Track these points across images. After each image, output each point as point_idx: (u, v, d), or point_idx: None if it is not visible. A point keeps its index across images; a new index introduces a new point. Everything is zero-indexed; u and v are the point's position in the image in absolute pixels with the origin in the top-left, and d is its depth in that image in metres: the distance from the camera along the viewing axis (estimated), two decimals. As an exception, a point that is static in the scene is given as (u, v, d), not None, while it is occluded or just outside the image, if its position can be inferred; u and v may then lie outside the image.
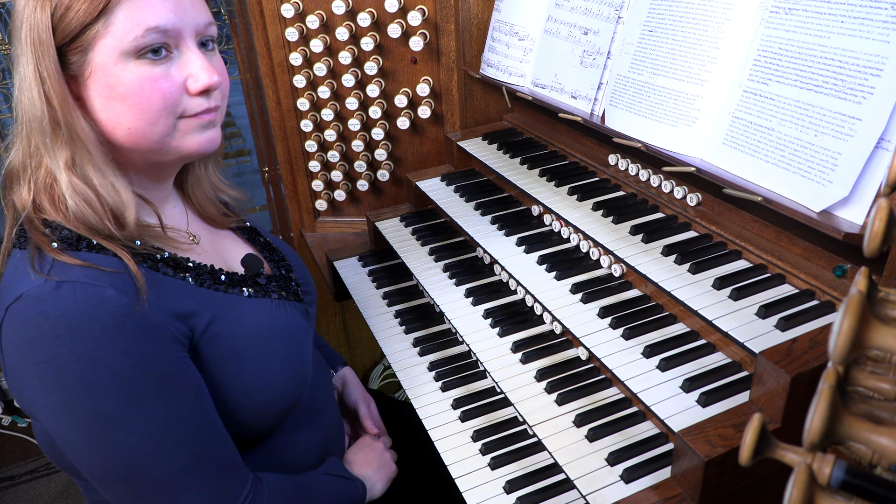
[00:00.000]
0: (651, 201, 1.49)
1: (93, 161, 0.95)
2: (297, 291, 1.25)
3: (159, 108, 0.96)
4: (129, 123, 0.96)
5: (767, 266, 1.25)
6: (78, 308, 0.88)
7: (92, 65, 0.93)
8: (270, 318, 1.12)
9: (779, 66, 1.11)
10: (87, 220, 0.95)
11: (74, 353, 0.87)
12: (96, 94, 0.95)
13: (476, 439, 1.31)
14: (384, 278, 1.83)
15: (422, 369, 1.51)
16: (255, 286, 1.15)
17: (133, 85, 0.94)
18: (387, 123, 2.01)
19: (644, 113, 1.35)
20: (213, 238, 1.22)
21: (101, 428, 0.90)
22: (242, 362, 1.05)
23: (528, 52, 1.72)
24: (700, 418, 1.06)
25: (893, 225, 0.57)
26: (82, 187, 0.94)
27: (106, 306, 0.89)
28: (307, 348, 1.19)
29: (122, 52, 0.92)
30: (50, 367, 0.88)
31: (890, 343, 0.42)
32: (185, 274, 1.04)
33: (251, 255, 1.21)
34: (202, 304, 1.03)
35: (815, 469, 0.51)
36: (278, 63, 1.97)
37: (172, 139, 1.00)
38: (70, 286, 0.89)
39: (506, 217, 1.66)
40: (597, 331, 1.28)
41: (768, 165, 1.12)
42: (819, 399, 0.46)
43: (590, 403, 1.26)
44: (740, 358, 1.17)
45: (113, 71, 0.93)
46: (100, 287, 0.90)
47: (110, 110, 0.96)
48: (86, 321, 0.87)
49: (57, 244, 0.93)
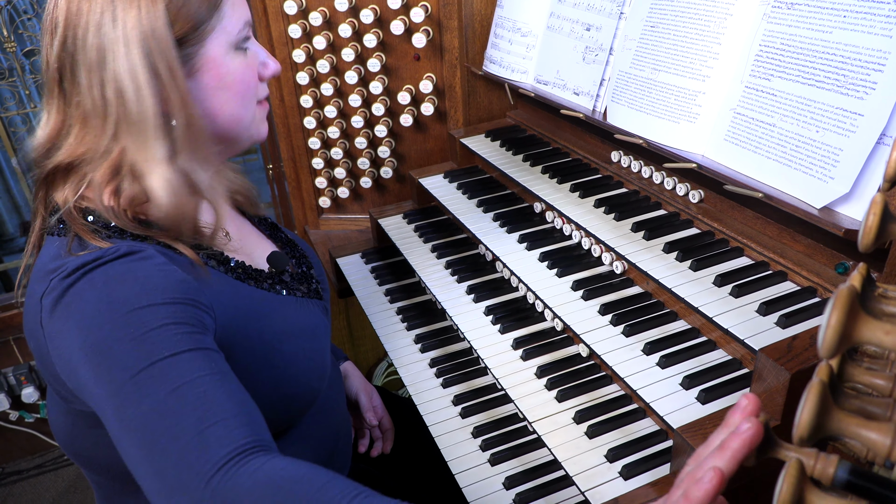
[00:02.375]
0: (653, 198, 1.49)
1: (201, 155, 0.99)
2: (318, 289, 1.26)
3: (253, 93, 1.05)
4: (232, 110, 1.03)
5: (769, 263, 1.24)
6: (156, 273, 0.88)
7: (205, 57, 0.97)
8: (296, 315, 1.13)
9: (781, 61, 1.11)
10: (176, 215, 0.95)
11: (151, 307, 0.85)
12: (205, 84, 0.99)
13: (476, 435, 1.31)
14: (387, 275, 1.83)
15: (423, 366, 1.51)
16: (282, 284, 1.16)
17: (238, 73, 1.01)
18: (390, 121, 2.01)
19: (646, 109, 1.35)
20: (242, 235, 1.22)
21: (145, 359, 0.84)
22: (272, 357, 1.06)
23: (531, 48, 1.71)
24: (699, 415, 1.06)
25: (888, 220, 0.56)
26: (180, 183, 0.95)
27: (176, 276, 0.90)
28: (327, 345, 1.20)
29: (230, 44, 0.99)
30: (133, 319, 0.85)
31: (879, 337, 0.42)
32: (225, 267, 1.06)
33: (277, 253, 1.21)
34: (240, 299, 1.04)
35: (819, 469, 0.51)
36: (281, 60, 1.97)
37: (252, 125, 1.08)
38: (137, 256, 0.89)
39: (508, 214, 1.66)
40: (597, 328, 1.28)
41: (770, 162, 1.11)
42: (808, 394, 0.46)
43: (590, 400, 1.25)
44: (741, 355, 1.17)
45: (224, 62, 0.99)
46: (168, 264, 0.91)
47: (217, 99, 1.01)
48: (160, 285, 0.88)
49: (101, 232, 0.93)
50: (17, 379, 2.64)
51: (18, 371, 2.64)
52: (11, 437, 2.78)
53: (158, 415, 0.81)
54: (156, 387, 0.82)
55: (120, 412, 0.82)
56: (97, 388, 0.84)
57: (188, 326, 0.87)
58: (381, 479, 1.45)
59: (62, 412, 1.02)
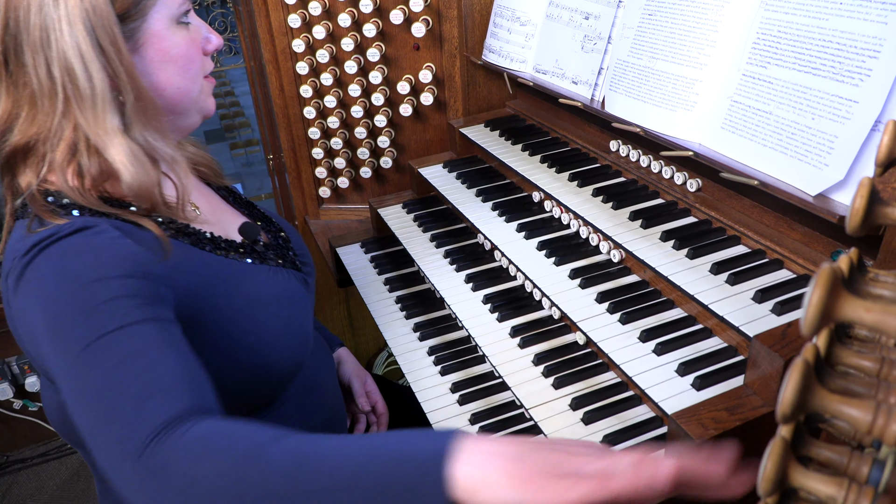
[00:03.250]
0: (651, 187, 1.49)
1: (154, 126, 1.00)
2: (295, 261, 1.27)
3: (198, 66, 1.06)
4: (178, 83, 1.04)
5: (766, 251, 1.24)
6: (99, 240, 0.89)
7: (148, 32, 0.99)
8: (269, 283, 1.14)
9: (777, 48, 1.11)
10: (143, 186, 0.96)
11: (100, 280, 0.86)
12: (149, 58, 1.00)
13: (474, 422, 1.32)
14: (386, 264, 1.84)
15: (421, 354, 1.52)
16: (254, 253, 1.17)
17: (182, 47, 1.02)
18: (389, 110, 2.02)
19: (643, 98, 1.35)
20: (213, 207, 1.24)
21: (96, 329, 0.84)
22: (246, 324, 1.07)
23: (530, 37, 1.71)
24: (694, 402, 1.06)
25: (876, 203, 0.57)
26: (141, 154, 0.97)
27: (127, 248, 0.90)
28: (307, 314, 1.21)
29: (171, 18, 1.01)
30: (77, 290, 0.85)
31: (860, 315, 0.42)
32: (184, 238, 1.06)
33: (248, 224, 1.23)
34: (207, 270, 1.05)
35: (853, 468, 0.51)
36: (281, 50, 1.98)
37: (201, 99, 1.10)
38: (93, 230, 0.90)
39: (507, 203, 1.66)
40: (594, 315, 1.29)
41: (766, 149, 1.12)
42: (792, 372, 0.47)
43: (586, 387, 1.26)
44: (736, 343, 1.17)
45: (167, 35, 1.00)
46: (119, 235, 0.92)
47: (162, 72, 1.02)
48: (110, 252, 0.89)
49: (59, 211, 0.94)
50: (20, 368, 2.67)
51: (21, 360, 2.66)
52: (15, 425, 2.80)
53: (104, 387, 0.80)
54: (103, 359, 0.82)
55: (71, 384, 0.83)
56: (54, 362, 0.85)
57: (139, 299, 0.87)
58: None
59: (52, 394, 1.03)
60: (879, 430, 0.45)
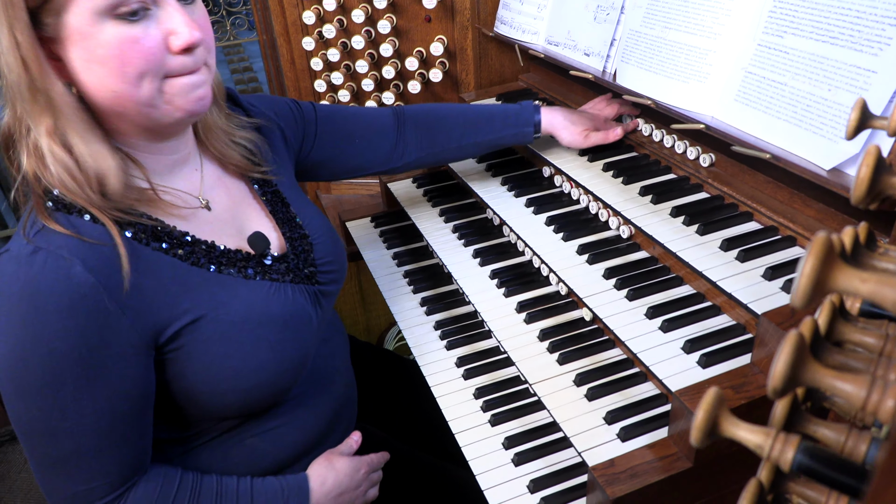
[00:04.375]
0: (664, 162, 1.46)
1: (73, 127, 0.93)
2: (311, 273, 1.20)
3: (141, 69, 0.91)
4: (112, 86, 0.92)
5: (778, 228, 1.21)
6: (43, 278, 0.88)
7: (68, 27, 0.88)
8: (263, 303, 1.08)
9: (795, 17, 1.07)
10: (67, 187, 0.93)
11: (25, 320, 0.89)
12: (76, 56, 0.90)
13: (478, 397, 1.32)
14: (395, 239, 1.83)
15: (428, 328, 1.51)
16: (259, 267, 1.11)
17: (112, 47, 0.89)
18: (400, 84, 1.99)
19: (655, 69, 1.32)
20: (235, 207, 1.16)
21: (14, 391, 0.93)
22: (229, 347, 1.03)
23: (542, 8, 1.68)
24: (699, 379, 1.05)
25: (882, 171, 0.54)
26: (61, 154, 0.93)
27: (69, 282, 0.89)
28: (307, 335, 1.15)
29: (95, 12, 0.87)
30: (3, 321, 0.90)
31: (855, 286, 0.40)
32: (177, 251, 1.02)
33: (258, 234, 1.14)
34: (190, 285, 1.01)
35: (850, 447, 0.51)
36: (292, 22, 1.96)
37: (161, 103, 0.95)
38: (44, 254, 0.89)
39: (516, 178, 1.64)
40: (601, 291, 1.27)
41: (780, 122, 1.08)
42: (784, 345, 0.45)
43: (591, 364, 1.25)
44: (745, 320, 1.15)
45: (89, 33, 0.88)
46: (70, 261, 0.89)
47: (92, 73, 0.91)
48: (45, 293, 0.88)
49: (50, 204, 0.94)
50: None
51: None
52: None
53: (42, 453, 0.99)
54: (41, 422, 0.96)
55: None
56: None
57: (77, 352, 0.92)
58: (386, 441, 1.46)
59: None
60: (874, 405, 0.44)
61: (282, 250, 1.18)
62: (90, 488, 0.99)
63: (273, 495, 1.14)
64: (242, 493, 1.11)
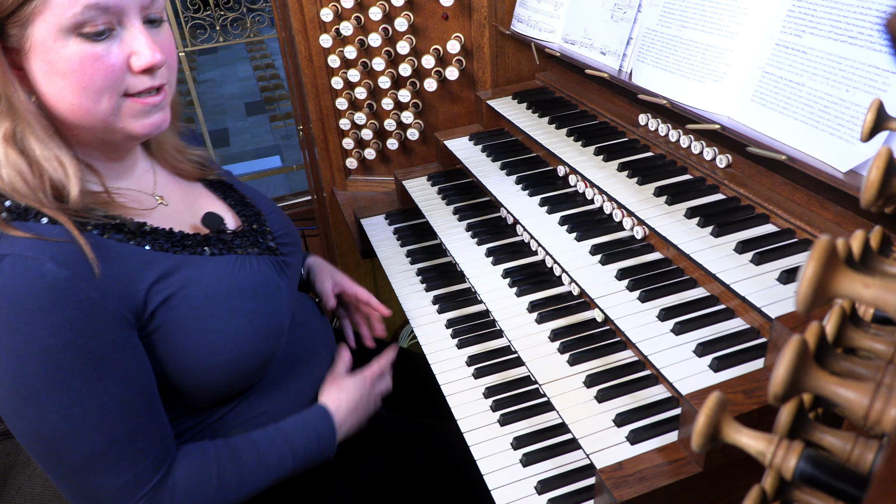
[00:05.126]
0: (679, 163, 1.44)
1: (35, 133, 0.95)
2: (271, 245, 1.25)
3: (101, 86, 0.94)
4: (70, 100, 0.94)
5: (795, 231, 1.19)
6: (16, 282, 0.88)
7: (32, 39, 0.90)
8: (231, 275, 1.11)
9: (814, 16, 1.05)
10: (18, 191, 0.94)
11: (9, 328, 0.88)
12: (37, 68, 0.93)
13: (487, 396, 1.31)
14: (409, 236, 1.83)
15: (439, 326, 1.51)
16: (220, 243, 1.14)
17: (74, 63, 0.92)
18: (417, 82, 1.99)
19: (671, 68, 1.30)
20: (188, 198, 1.22)
21: (24, 402, 0.91)
22: (205, 322, 1.05)
23: (560, 6, 1.66)
24: (710, 383, 1.04)
25: (893, 174, 0.53)
26: (16, 159, 0.93)
27: (44, 280, 0.89)
28: (278, 302, 1.18)
29: (61, 29, 0.90)
30: None
31: (858, 290, 0.40)
32: (139, 239, 1.03)
33: (210, 214, 1.19)
34: (157, 268, 1.03)
35: (856, 456, 0.50)
36: (310, 19, 1.96)
37: (118, 120, 0.99)
38: (10, 259, 0.89)
39: (531, 177, 1.64)
40: (613, 292, 1.26)
41: (797, 123, 1.06)
42: (786, 350, 0.44)
43: (602, 365, 1.24)
44: (759, 324, 1.13)
45: (53, 47, 0.91)
46: (39, 260, 0.89)
47: (52, 85, 0.94)
48: (23, 296, 0.88)
49: (5, 214, 0.94)
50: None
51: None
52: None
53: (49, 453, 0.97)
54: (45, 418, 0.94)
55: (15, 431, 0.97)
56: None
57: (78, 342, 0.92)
58: (403, 420, 1.48)
59: None
60: (877, 414, 0.43)
61: (238, 226, 1.24)
62: (136, 473, 0.99)
63: (301, 427, 1.19)
64: (273, 436, 1.16)
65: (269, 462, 1.14)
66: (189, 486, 1.05)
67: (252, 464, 1.12)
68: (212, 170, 1.30)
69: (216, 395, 1.12)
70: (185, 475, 1.05)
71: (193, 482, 1.06)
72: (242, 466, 1.11)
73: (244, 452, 1.12)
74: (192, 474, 1.06)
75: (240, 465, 1.11)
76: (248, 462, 1.12)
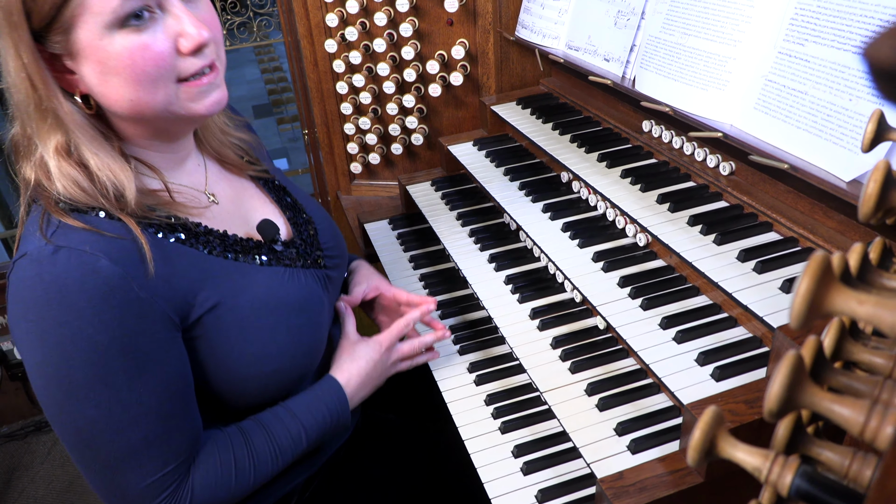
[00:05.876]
0: (683, 170, 1.44)
1: (84, 143, 0.95)
2: (318, 257, 1.23)
3: (154, 76, 0.93)
4: (130, 95, 0.94)
5: (798, 239, 1.19)
6: (69, 276, 0.89)
7: (78, 44, 0.90)
8: (280, 288, 1.11)
9: (816, 25, 1.04)
10: (78, 200, 0.94)
11: (58, 320, 0.89)
12: (90, 70, 0.92)
13: (489, 403, 1.31)
14: (412, 241, 1.83)
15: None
16: (271, 253, 1.14)
17: (124, 57, 0.91)
18: (422, 87, 1.99)
19: (674, 76, 1.30)
20: (239, 197, 1.20)
21: (65, 394, 0.92)
22: (248, 332, 1.05)
23: (564, 12, 1.66)
24: (712, 392, 1.03)
25: (890, 187, 0.53)
26: (70, 170, 0.94)
27: (97, 276, 0.89)
28: (321, 318, 1.18)
29: (105, 25, 0.89)
30: (36, 327, 0.90)
31: (852, 307, 0.39)
32: (193, 241, 1.04)
33: (267, 221, 1.18)
34: (210, 273, 1.03)
35: (855, 471, 0.50)
36: (315, 24, 1.97)
37: (177, 106, 0.98)
38: (66, 252, 0.89)
39: (534, 183, 1.63)
40: (615, 300, 1.26)
41: (799, 132, 1.06)
42: (781, 366, 0.44)
43: (604, 373, 1.24)
44: (761, 333, 1.13)
45: (100, 46, 0.90)
46: (95, 255, 0.90)
47: (108, 85, 0.93)
48: (75, 290, 0.88)
49: (63, 204, 0.94)
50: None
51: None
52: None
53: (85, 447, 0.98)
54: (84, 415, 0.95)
55: (58, 430, 0.98)
56: (42, 396, 0.96)
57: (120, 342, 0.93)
58: (399, 425, 1.47)
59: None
60: (872, 432, 0.42)
61: (289, 236, 1.22)
62: (164, 473, 0.99)
63: (311, 403, 1.16)
64: (282, 415, 1.13)
65: (283, 444, 1.12)
66: (208, 479, 1.05)
67: (265, 448, 1.10)
68: (259, 164, 1.28)
69: (249, 403, 1.12)
70: (203, 469, 1.05)
71: (212, 474, 1.05)
72: (256, 451, 1.10)
73: (255, 438, 1.11)
74: (209, 467, 1.05)
75: (253, 449, 1.09)
76: (262, 447, 1.10)
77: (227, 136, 1.22)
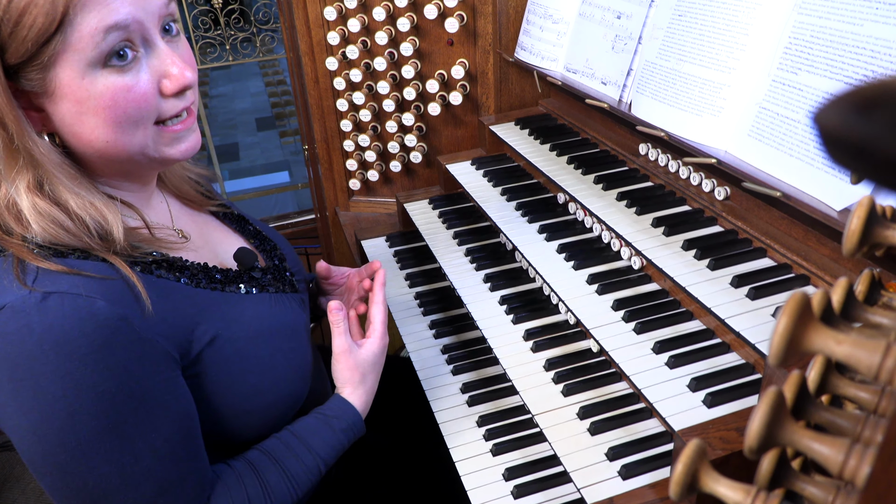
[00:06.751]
0: (679, 193, 1.44)
1: (62, 182, 0.89)
2: (293, 282, 1.23)
3: (136, 117, 0.90)
4: (106, 137, 0.89)
5: (792, 266, 1.19)
6: (66, 322, 0.82)
7: (55, 82, 0.85)
8: (269, 315, 1.09)
9: (810, 54, 1.05)
10: (59, 239, 0.88)
11: (58, 373, 0.82)
12: (66, 109, 0.87)
13: (481, 424, 1.31)
14: (409, 259, 1.83)
15: (435, 351, 1.51)
16: (252, 281, 1.12)
17: (105, 98, 0.87)
18: (421, 105, 2.01)
19: (669, 101, 1.31)
20: (203, 232, 1.18)
21: (70, 455, 0.85)
22: (246, 363, 1.03)
23: (562, 35, 1.68)
24: (704, 419, 1.03)
25: (874, 223, 0.53)
26: (49, 210, 0.87)
27: (96, 319, 0.83)
28: (307, 341, 1.18)
29: (87, 64, 0.84)
30: (27, 386, 0.82)
31: (830, 347, 0.39)
32: (178, 275, 0.99)
33: (244, 249, 1.16)
34: (202, 307, 1.00)
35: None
36: (317, 42, 1.99)
37: (152, 150, 0.94)
38: (58, 298, 0.82)
39: (531, 204, 1.64)
40: (608, 323, 1.26)
41: (792, 160, 1.06)
42: (761, 402, 0.44)
43: (596, 397, 1.23)
44: (754, 360, 1.13)
45: (81, 85, 0.85)
46: (90, 298, 0.84)
47: (84, 125, 0.88)
48: (74, 337, 0.82)
49: (37, 251, 0.87)
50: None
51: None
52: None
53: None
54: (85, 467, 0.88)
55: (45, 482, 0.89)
56: (18, 437, 0.88)
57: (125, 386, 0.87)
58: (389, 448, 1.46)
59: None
60: (851, 472, 0.42)
61: (262, 263, 1.21)
62: None
63: (325, 434, 1.12)
64: (288, 442, 1.09)
65: (296, 474, 1.07)
66: None
67: (281, 487, 1.06)
68: (217, 198, 1.27)
69: (250, 438, 1.09)
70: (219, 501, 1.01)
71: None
72: (270, 487, 1.05)
73: (263, 469, 1.06)
74: (225, 498, 1.01)
75: (267, 486, 1.05)
76: (277, 484, 1.06)
77: (187, 171, 1.21)
